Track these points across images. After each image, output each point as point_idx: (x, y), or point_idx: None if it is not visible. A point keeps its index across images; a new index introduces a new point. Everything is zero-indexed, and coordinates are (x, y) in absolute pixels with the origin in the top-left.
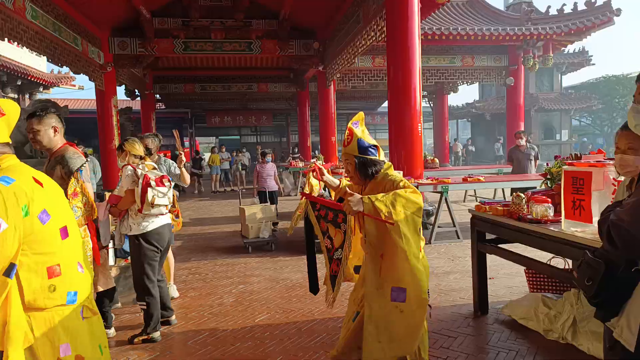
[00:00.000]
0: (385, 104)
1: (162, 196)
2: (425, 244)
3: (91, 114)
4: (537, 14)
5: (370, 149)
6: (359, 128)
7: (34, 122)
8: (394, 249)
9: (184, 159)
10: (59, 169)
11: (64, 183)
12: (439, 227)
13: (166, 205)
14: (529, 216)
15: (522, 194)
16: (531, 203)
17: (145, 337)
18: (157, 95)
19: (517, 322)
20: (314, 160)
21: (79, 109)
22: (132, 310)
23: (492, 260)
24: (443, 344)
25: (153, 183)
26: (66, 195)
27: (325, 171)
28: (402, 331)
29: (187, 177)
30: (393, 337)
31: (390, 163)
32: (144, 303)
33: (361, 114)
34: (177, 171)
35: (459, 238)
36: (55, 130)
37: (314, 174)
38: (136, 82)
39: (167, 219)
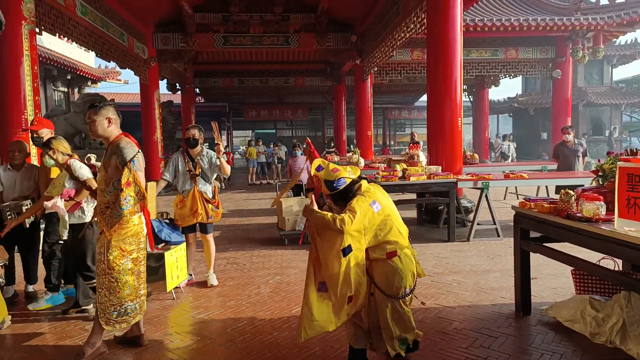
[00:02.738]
0: (423, 97)
1: None
2: (464, 241)
3: (135, 107)
4: (587, 3)
5: (334, 183)
6: (322, 171)
7: (91, 112)
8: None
9: (222, 148)
10: (114, 158)
11: (118, 172)
12: (478, 224)
13: None
14: (578, 214)
15: (571, 191)
16: (581, 201)
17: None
18: (197, 90)
19: (562, 324)
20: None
21: (123, 102)
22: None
23: (534, 259)
24: (483, 343)
25: None
26: (121, 184)
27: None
28: None
29: (227, 168)
30: None
31: (364, 181)
32: (93, 281)
33: (316, 160)
34: (218, 162)
35: (499, 236)
36: (109, 121)
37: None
38: (177, 76)
39: None
